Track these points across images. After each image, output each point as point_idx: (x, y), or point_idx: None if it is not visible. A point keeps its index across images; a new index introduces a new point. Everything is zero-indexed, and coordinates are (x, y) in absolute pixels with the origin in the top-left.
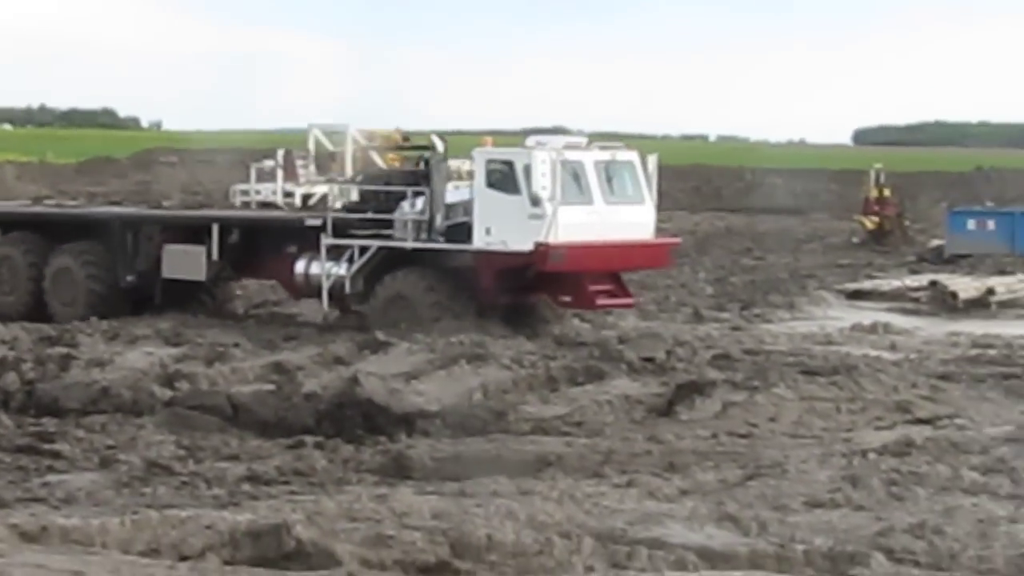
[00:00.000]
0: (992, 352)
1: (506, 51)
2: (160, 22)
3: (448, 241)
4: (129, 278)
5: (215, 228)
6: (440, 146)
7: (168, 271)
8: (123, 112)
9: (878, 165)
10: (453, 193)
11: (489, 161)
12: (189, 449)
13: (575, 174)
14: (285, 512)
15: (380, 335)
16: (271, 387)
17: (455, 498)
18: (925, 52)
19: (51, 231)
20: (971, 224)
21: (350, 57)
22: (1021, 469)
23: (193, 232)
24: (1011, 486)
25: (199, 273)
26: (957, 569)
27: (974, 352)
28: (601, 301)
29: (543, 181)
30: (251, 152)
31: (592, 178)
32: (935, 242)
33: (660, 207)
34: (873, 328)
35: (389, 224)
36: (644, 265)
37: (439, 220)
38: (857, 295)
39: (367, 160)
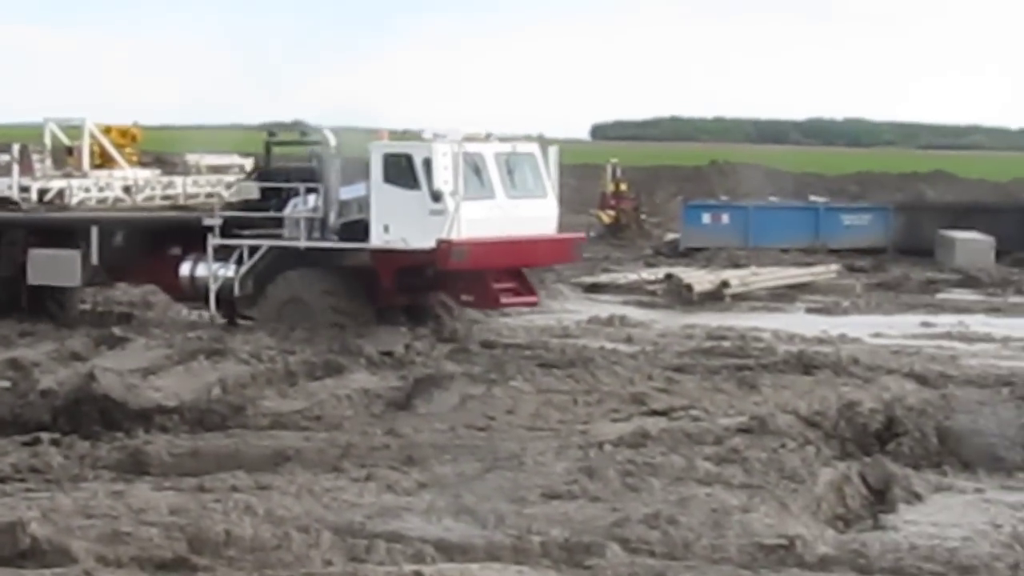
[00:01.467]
0: (726, 344)
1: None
2: None
3: (343, 240)
4: None
5: (94, 230)
6: (332, 140)
7: (34, 277)
8: None
9: (614, 160)
10: (347, 189)
11: (386, 155)
12: None
13: (476, 167)
14: (20, 510)
15: (116, 330)
16: (6, 384)
17: (193, 493)
18: (661, 48)
19: None
20: (706, 218)
21: (80, 49)
22: (754, 459)
23: (66, 236)
24: (744, 476)
25: (73, 279)
26: (691, 558)
27: (708, 344)
28: (505, 299)
29: (445, 175)
30: None
31: (493, 171)
32: (670, 235)
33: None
34: (610, 321)
35: (279, 223)
36: (549, 261)
37: (333, 218)
38: (594, 288)
39: (105, 154)
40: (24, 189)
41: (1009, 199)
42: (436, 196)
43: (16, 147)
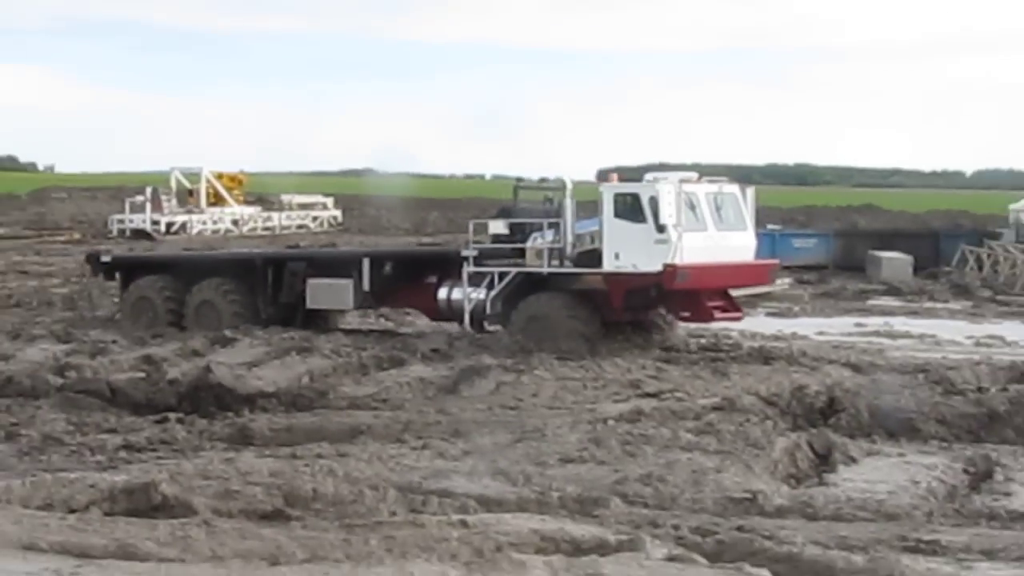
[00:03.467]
0: (703, 341)
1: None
2: (52, 85)
3: (579, 266)
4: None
5: (366, 262)
6: (569, 184)
7: (313, 302)
8: (23, 158)
9: None
10: (580, 224)
11: (616, 195)
12: (76, 425)
13: (691, 204)
14: (153, 473)
15: (227, 332)
16: (142, 374)
17: (288, 460)
18: (651, 108)
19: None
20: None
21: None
22: (725, 431)
23: (341, 266)
24: (717, 444)
25: (346, 303)
26: (676, 508)
27: (689, 341)
28: (718, 315)
29: (669, 210)
30: (125, 189)
31: (704, 208)
32: None
33: (447, 232)
34: None
35: (521, 254)
36: (750, 283)
37: (569, 248)
38: None
39: (218, 195)
40: (155, 223)
41: (924, 226)
42: (661, 228)
43: (149, 190)
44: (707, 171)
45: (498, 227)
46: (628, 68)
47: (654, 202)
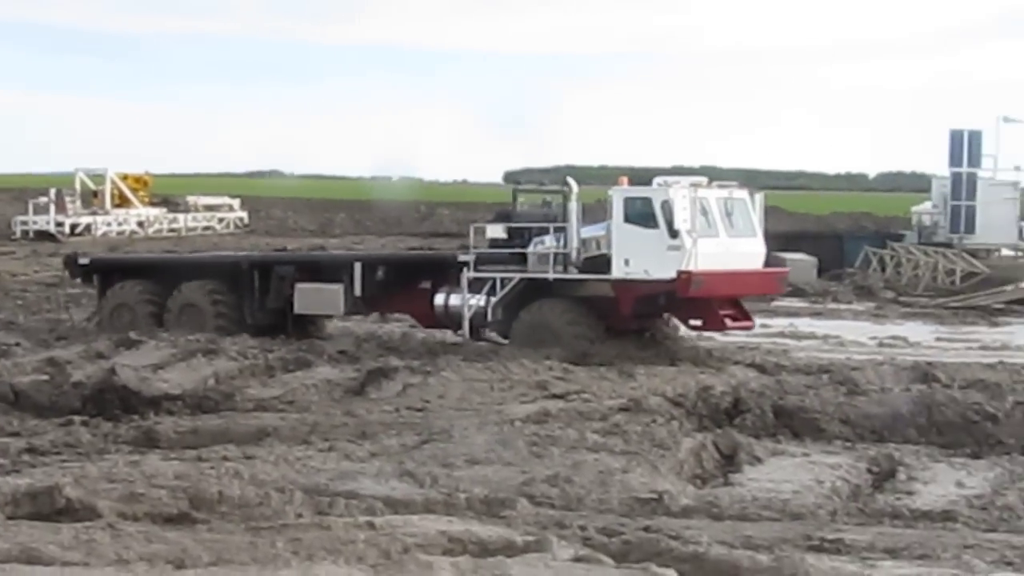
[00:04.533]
0: None
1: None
2: None
3: (585, 272)
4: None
5: (358, 266)
6: (575, 188)
7: (301, 307)
8: None
9: (521, 200)
10: (585, 229)
11: (627, 199)
12: None
13: (704, 210)
14: (57, 476)
15: (132, 334)
16: (46, 377)
17: (193, 462)
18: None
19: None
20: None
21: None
22: (631, 432)
23: (331, 271)
24: (624, 445)
25: (337, 309)
26: (583, 509)
27: None
28: (730, 324)
29: (684, 215)
30: (28, 191)
31: (716, 213)
32: None
33: (354, 233)
34: None
35: (521, 259)
36: (761, 291)
37: (575, 254)
38: None
39: (123, 197)
40: (59, 224)
41: (828, 228)
42: (674, 234)
43: (53, 191)
44: (612, 173)
45: (496, 231)
46: (530, 70)
47: (667, 207)
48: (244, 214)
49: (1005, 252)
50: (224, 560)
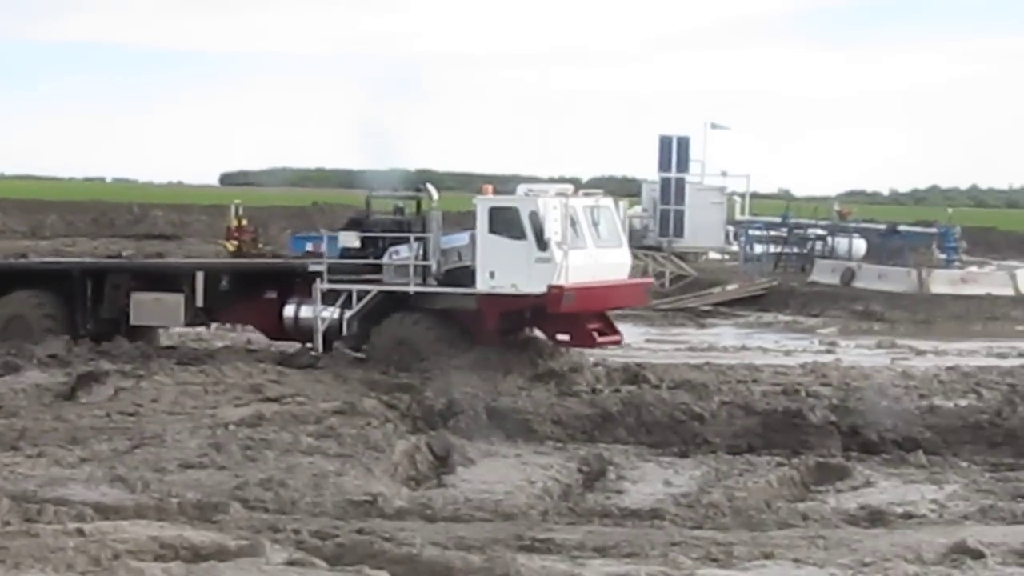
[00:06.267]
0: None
1: None
2: None
3: (446, 285)
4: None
5: (200, 276)
6: (435, 195)
7: (137, 318)
8: None
9: (237, 201)
10: (446, 239)
11: (492, 208)
12: None
13: (572, 220)
14: None
15: None
16: None
17: None
18: (269, 113)
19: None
20: (308, 246)
21: None
22: (346, 435)
23: (170, 280)
24: (338, 447)
25: (176, 320)
26: (297, 512)
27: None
28: (600, 339)
29: (554, 226)
30: None
31: (584, 223)
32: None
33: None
34: (233, 327)
35: (376, 270)
36: (629, 303)
37: (435, 265)
38: None
39: None
40: None
41: None
42: (544, 245)
43: None
44: (329, 176)
45: (349, 240)
46: (257, 70)
47: (535, 217)
48: None
49: (712, 255)
50: None
